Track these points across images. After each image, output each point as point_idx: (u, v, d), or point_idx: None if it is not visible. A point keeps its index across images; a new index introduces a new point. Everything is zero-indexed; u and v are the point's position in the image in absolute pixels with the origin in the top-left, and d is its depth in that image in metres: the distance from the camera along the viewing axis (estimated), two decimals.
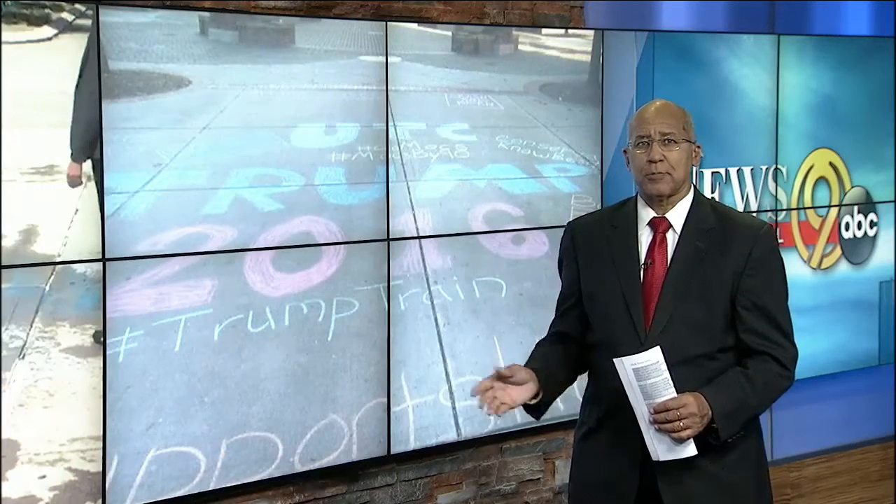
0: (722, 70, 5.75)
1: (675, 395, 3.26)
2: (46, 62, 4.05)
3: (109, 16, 4.16)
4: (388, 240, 4.81)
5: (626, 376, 3.27)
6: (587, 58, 5.33)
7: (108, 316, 4.22)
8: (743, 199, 5.88)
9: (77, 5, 4.09)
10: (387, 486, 4.94)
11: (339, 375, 4.71)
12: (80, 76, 4.13)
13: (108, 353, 4.22)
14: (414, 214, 4.87)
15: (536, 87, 5.19)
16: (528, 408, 3.50)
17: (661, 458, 3.31)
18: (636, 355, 3.26)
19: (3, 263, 4.00)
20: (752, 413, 3.41)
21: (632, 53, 5.48)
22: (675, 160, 3.42)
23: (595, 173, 5.37)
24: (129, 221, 4.26)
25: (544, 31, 5.25)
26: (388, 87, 4.80)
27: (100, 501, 4.22)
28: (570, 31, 5.32)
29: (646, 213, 3.49)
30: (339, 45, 4.72)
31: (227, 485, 4.53)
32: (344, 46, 4.72)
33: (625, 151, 3.51)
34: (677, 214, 3.47)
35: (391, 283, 4.83)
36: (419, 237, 4.90)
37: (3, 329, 4.00)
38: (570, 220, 3.71)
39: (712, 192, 5.75)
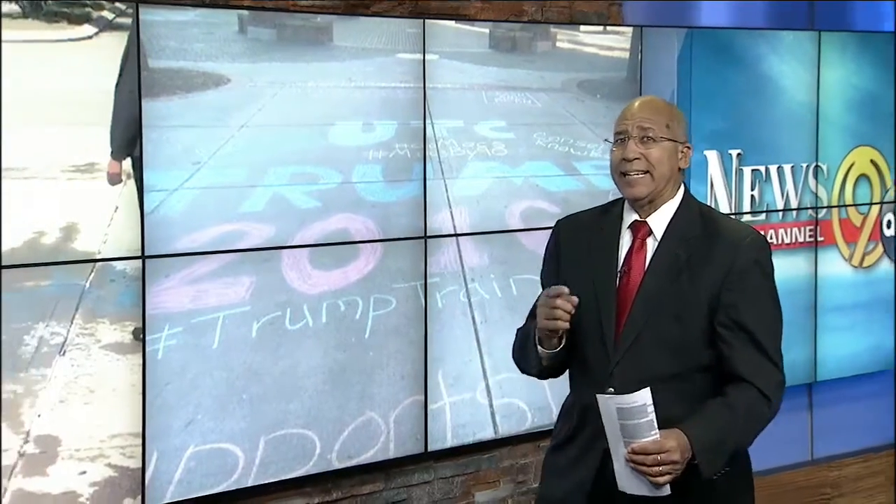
0: (761, 67, 5.77)
1: (657, 437, 2.97)
2: (87, 61, 4.14)
3: (149, 14, 4.24)
4: (426, 237, 4.87)
5: (607, 413, 3.03)
6: (625, 55, 5.37)
7: (147, 313, 4.30)
8: (783, 196, 5.90)
9: (117, 4, 4.18)
10: (424, 483, 4.99)
11: (376, 373, 4.76)
12: (120, 74, 4.21)
13: (147, 349, 4.30)
14: (451, 212, 4.91)
15: (574, 84, 5.24)
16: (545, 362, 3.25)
17: (629, 492, 3.06)
18: (623, 396, 3.01)
19: (41, 261, 4.08)
20: (736, 447, 3.11)
21: (671, 50, 5.52)
22: (654, 159, 3.14)
23: None
24: (168, 219, 4.34)
25: (582, 28, 5.30)
26: (426, 85, 4.87)
27: (139, 498, 4.30)
28: (609, 27, 5.37)
29: (629, 216, 3.22)
30: (376, 42, 4.78)
31: (265, 481, 4.61)
32: (382, 44, 4.79)
33: (612, 151, 3.24)
34: (660, 219, 3.19)
35: (428, 281, 4.88)
36: (456, 234, 4.95)
37: (43, 325, 4.09)
38: (559, 217, 3.48)
39: (752, 190, 5.77)
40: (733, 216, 5.74)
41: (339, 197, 4.71)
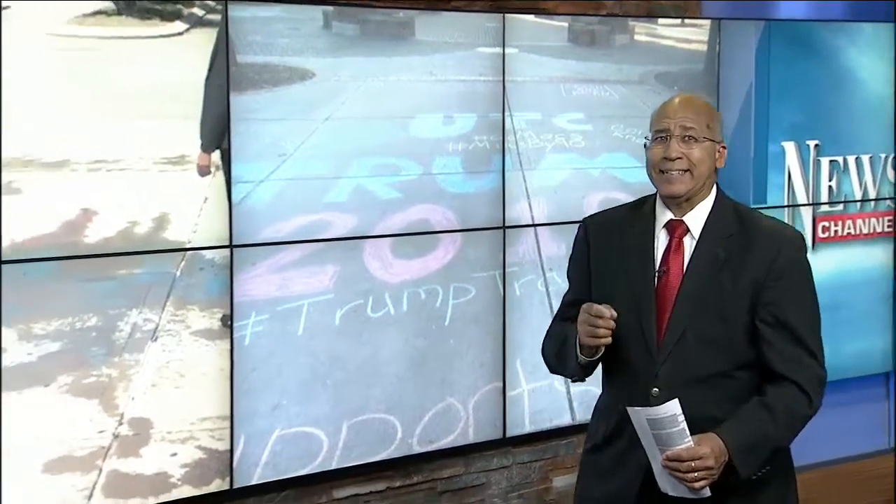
0: (839, 59, 5.79)
1: (691, 444, 2.99)
2: (178, 56, 4.25)
3: (238, 11, 4.35)
4: (504, 227, 4.95)
5: (639, 423, 3.04)
6: (703, 47, 5.42)
7: (234, 300, 4.41)
8: (861, 187, 5.91)
9: (207, 1, 4.28)
10: (502, 468, 5.08)
11: (455, 360, 4.86)
12: (209, 69, 4.32)
13: (234, 336, 4.42)
14: (529, 202, 4.99)
15: (652, 76, 5.30)
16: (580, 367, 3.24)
17: (671, 494, 3.08)
18: (652, 408, 3.02)
19: (134, 250, 4.19)
20: (775, 447, 3.11)
21: (748, 43, 5.56)
22: (696, 158, 3.11)
23: None
24: (255, 209, 4.46)
25: (660, 21, 5.36)
26: (505, 78, 4.95)
27: (228, 479, 4.42)
28: (687, 21, 5.42)
29: (663, 215, 3.19)
30: (457, 37, 4.87)
31: (348, 465, 4.71)
32: (462, 38, 4.88)
33: (645, 146, 3.22)
34: (696, 218, 3.17)
35: (507, 270, 4.97)
36: (534, 225, 5.03)
37: (136, 312, 4.22)
38: (586, 216, 3.46)
39: (830, 181, 5.79)
40: (811, 206, 5.79)
41: (420, 188, 4.81)
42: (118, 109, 4.14)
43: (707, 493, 3.03)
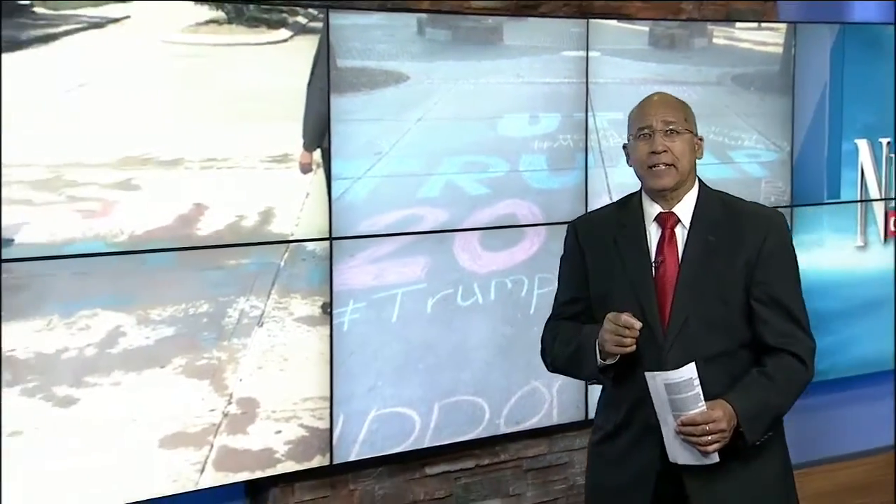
0: None
1: (704, 409, 3.04)
2: (283, 61, 4.39)
3: (338, 18, 4.47)
4: None
5: (655, 389, 3.08)
6: (779, 50, 5.50)
7: (334, 289, 4.53)
8: None
9: (310, 10, 4.42)
10: (584, 448, 5.17)
11: (539, 346, 4.97)
12: (311, 73, 4.44)
13: (334, 322, 4.54)
14: (610, 197, 5.06)
15: (729, 77, 5.39)
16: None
17: (681, 462, 3.13)
18: (670, 371, 3.06)
19: (242, 242, 4.32)
20: (777, 413, 3.20)
21: (824, 45, 5.63)
22: (678, 151, 3.16)
23: (785, 159, 5.55)
24: (353, 204, 4.58)
25: (738, 24, 5.44)
26: (589, 80, 5.05)
27: (328, 455, 4.55)
28: (763, 24, 5.49)
29: (652, 209, 3.24)
30: (543, 41, 4.98)
31: (439, 443, 4.83)
32: (548, 43, 4.99)
33: (624, 146, 3.27)
34: (685, 208, 3.21)
35: None
36: None
37: (244, 299, 4.34)
38: (572, 219, 3.50)
39: None
40: (883, 201, 5.84)
41: (507, 184, 4.92)
42: (228, 111, 4.27)
43: (716, 457, 3.09)
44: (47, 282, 3.95)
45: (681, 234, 3.21)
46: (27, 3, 3.87)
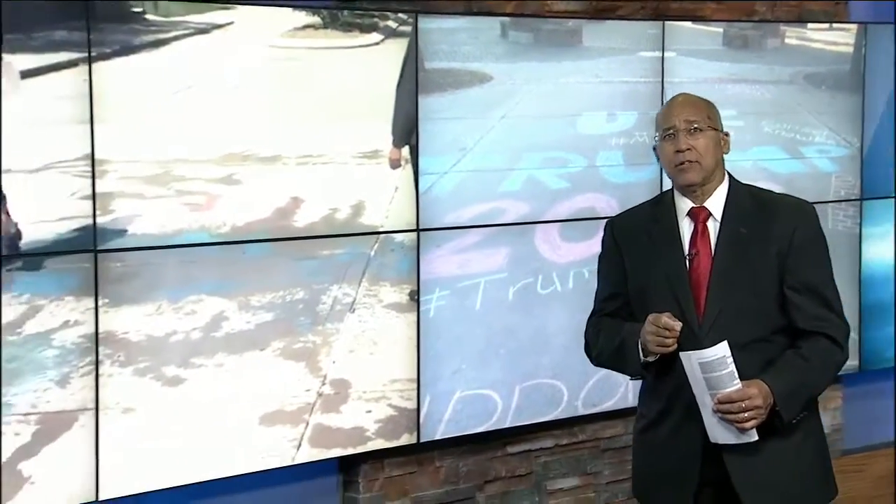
0: None
1: (740, 386, 3.06)
2: (374, 63, 4.51)
3: (426, 23, 4.59)
4: None
5: (690, 369, 3.09)
6: (850, 49, 5.57)
7: (421, 278, 4.65)
8: None
9: (400, 14, 4.54)
10: None
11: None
12: (400, 75, 4.56)
13: (421, 309, 4.66)
14: None
15: (801, 76, 5.46)
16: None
17: (721, 442, 3.13)
18: (703, 350, 3.07)
19: (335, 233, 4.43)
20: (812, 392, 3.22)
21: (893, 45, 5.67)
22: (702, 148, 3.19)
23: (855, 154, 5.61)
24: (439, 198, 4.70)
25: (810, 25, 5.50)
26: (664, 79, 5.14)
27: (415, 434, 4.67)
28: (835, 25, 5.55)
29: (684, 205, 3.26)
30: (621, 42, 5.08)
31: (520, 424, 4.94)
32: (625, 44, 5.09)
33: (654, 148, 3.29)
34: (715, 202, 3.24)
35: None
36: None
37: (337, 287, 4.46)
38: (610, 217, 3.54)
39: None
40: None
41: (585, 179, 5.02)
42: (322, 111, 4.39)
43: (754, 436, 3.10)
44: (157, 270, 4.09)
45: (713, 227, 3.24)
46: (140, 10, 4.04)
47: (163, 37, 4.09)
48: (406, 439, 4.67)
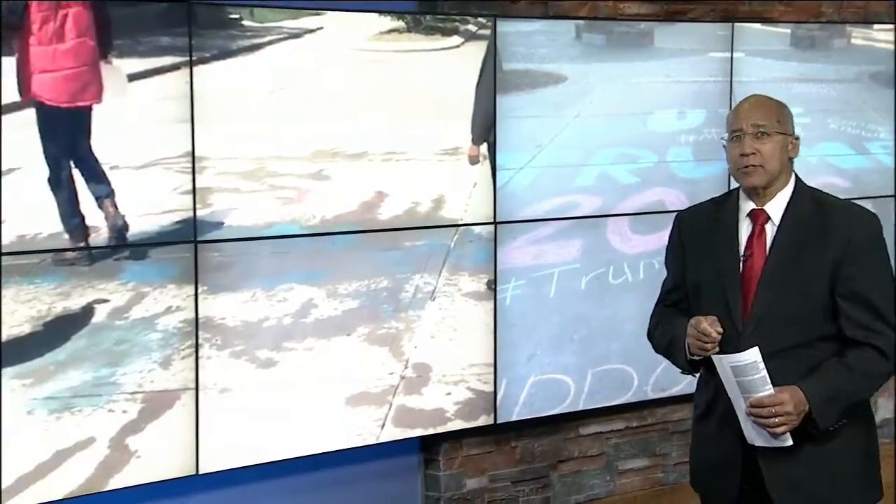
0: None
1: (771, 391, 3.03)
2: (454, 65, 4.62)
3: (504, 26, 4.69)
4: None
5: (723, 371, 3.07)
6: None
7: (498, 268, 4.75)
8: None
9: (480, 19, 4.65)
10: None
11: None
12: (479, 76, 4.66)
13: (497, 297, 4.75)
14: None
15: (866, 76, 5.51)
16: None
17: (757, 444, 3.11)
18: (734, 354, 3.05)
19: (418, 226, 4.55)
20: (851, 401, 3.13)
21: None
22: (767, 153, 3.14)
23: None
24: (515, 192, 4.79)
25: (875, 26, 5.55)
26: (733, 79, 5.21)
27: (492, 415, 4.77)
28: None
29: (746, 205, 3.22)
30: (691, 44, 5.16)
31: (592, 407, 5.03)
32: (695, 45, 5.17)
33: (724, 146, 3.25)
34: (776, 206, 3.19)
35: None
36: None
37: (418, 276, 4.56)
38: (679, 210, 3.52)
39: None
40: None
41: (656, 174, 5.11)
42: (405, 110, 4.50)
43: (789, 441, 3.07)
44: (252, 260, 4.23)
45: (770, 230, 3.19)
46: (237, 17, 4.19)
47: (258, 41, 4.22)
48: (483, 420, 4.76)
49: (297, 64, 4.32)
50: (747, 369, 3.03)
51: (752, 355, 3.03)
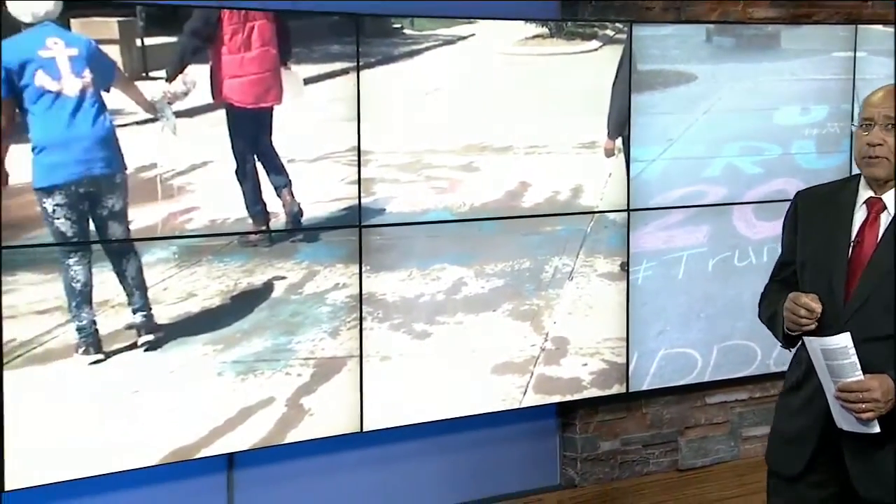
0: None
1: (861, 377, 2.92)
2: (593, 66, 4.77)
3: (639, 31, 4.82)
4: None
5: (814, 353, 2.99)
6: None
7: (630, 251, 4.89)
8: None
9: (617, 24, 4.78)
10: None
11: None
12: (615, 76, 4.79)
13: (630, 278, 4.90)
14: None
15: None
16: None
17: (844, 428, 3.01)
18: (825, 337, 2.95)
19: (557, 213, 4.69)
20: None
21: None
22: (894, 144, 3.02)
23: None
24: (648, 182, 4.93)
25: None
26: (855, 77, 5.26)
27: (624, 385, 4.92)
28: None
29: (865, 193, 3.12)
30: (815, 44, 5.22)
31: (717, 378, 5.16)
32: (819, 46, 5.23)
33: (852, 133, 3.10)
34: (894, 197, 3.08)
35: None
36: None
37: (557, 258, 4.72)
38: (800, 189, 3.39)
39: None
40: None
41: (780, 165, 5.18)
42: (548, 107, 4.65)
43: (876, 427, 2.96)
44: (409, 243, 4.45)
45: (885, 219, 3.09)
46: (399, 26, 4.42)
47: (417, 48, 4.43)
48: (616, 389, 4.91)
49: (451, 67, 4.52)
50: (837, 353, 2.95)
51: (843, 340, 2.95)
